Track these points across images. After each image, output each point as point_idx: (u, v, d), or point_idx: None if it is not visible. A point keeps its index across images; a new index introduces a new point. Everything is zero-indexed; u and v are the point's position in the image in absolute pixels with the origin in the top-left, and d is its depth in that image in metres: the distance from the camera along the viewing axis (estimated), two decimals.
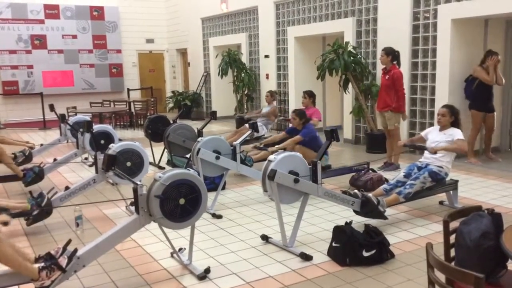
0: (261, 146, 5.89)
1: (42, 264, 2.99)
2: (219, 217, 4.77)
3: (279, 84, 10.99)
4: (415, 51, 7.57)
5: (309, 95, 7.32)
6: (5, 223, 2.99)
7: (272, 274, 3.43)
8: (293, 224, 3.94)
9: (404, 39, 7.59)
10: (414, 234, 4.16)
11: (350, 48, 8.13)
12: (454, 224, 2.44)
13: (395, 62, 6.51)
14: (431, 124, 7.44)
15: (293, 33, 10.24)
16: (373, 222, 4.12)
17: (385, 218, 4.23)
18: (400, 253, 3.71)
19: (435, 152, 4.59)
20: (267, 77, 11.31)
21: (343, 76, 8.10)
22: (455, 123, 4.80)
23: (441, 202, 4.99)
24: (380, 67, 7.79)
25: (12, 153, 6.07)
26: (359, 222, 4.13)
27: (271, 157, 3.87)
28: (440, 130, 4.85)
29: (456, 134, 4.70)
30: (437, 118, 4.91)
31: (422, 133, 5.10)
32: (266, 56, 11.23)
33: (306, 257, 3.64)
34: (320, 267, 3.53)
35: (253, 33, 11.70)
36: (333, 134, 4.13)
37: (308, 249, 3.83)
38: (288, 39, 10.41)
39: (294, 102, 10.41)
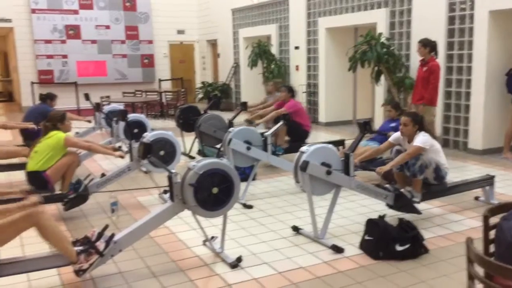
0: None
1: (80, 247, 3.09)
2: (249, 207, 4.81)
3: (309, 76, 10.92)
4: (451, 43, 7.39)
5: (288, 90, 7.12)
6: (35, 204, 3.09)
7: (304, 265, 3.44)
8: (324, 216, 3.93)
9: (439, 31, 7.41)
10: (448, 230, 4.09)
11: (383, 40, 7.99)
12: (493, 220, 2.39)
13: (433, 53, 6.37)
14: (466, 119, 7.29)
15: (324, 24, 10.13)
16: (406, 216, 4.07)
17: (418, 212, 4.18)
18: (435, 248, 3.66)
19: (383, 172, 4.28)
20: (297, 69, 11.25)
21: (376, 68, 7.98)
22: (421, 129, 4.40)
23: (476, 198, 4.88)
24: (414, 59, 7.67)
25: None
26: (392, 216, 4.08)
27: (303, 148, 3.87)
28: (409, 141, 4.42)
29: (415, 142, 4.32)
30: (400, 127, 4.50)
31: (391, 139, 4.67)
32: (296, 48, 11.16)
33: (337, 249, 3.63)
34: (352, 259, 3.52)
35: (283, 24, 11.63)
36: (366, 126, 4.09)
37: (339, 241, 3.82)
38: (319, 30, 10.31)
39: (324, 94, 10.35)
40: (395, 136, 4.65)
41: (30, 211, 2.91)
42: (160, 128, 7.73)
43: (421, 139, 4.29)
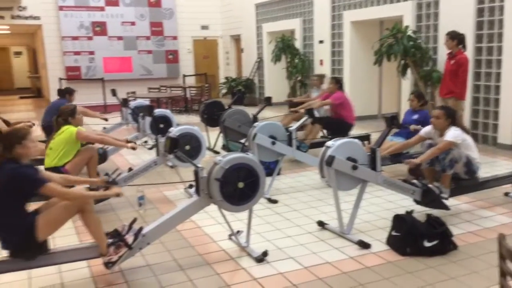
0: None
1: (110, 240, 3.15)
2: (274, 202, 4.81)
3: (333, 70, 10.82)
4: (480, 35, 7.21)
5: (336, 81, 7.08)
6: (119, 195, 3.24)
7: (330, 260, 3.43)
8: (350, 211, 3.91)
9: (467, 23, 7.24)
10: (478, 226, 4.01)
11: (409, 33, 7.86)
12: None
13: (460, 46, 6.24)
14: (495, 113, 7.11)
15: (349, 17, 10.02)
16: (434, 212, 4.01)
17: (447, 208, 4.11)
18: (464, 245, 3.59)
19: (413, 166, 4.23)
20: (321, 63, 11.16)
21: (402, 62, 7.86)
22: (454, 123, 4.30)
23: (506, 194, 4.76)
24: (442, 52, 7.52)
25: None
26: (420, 212, 4.03)
27: (329, 143, 3.84)
28: (440, 135, 4.34)
29: (446, 136, 4.22)
30: (431, 120, 4.42)
31: (422, 133, 4.60)
32: (321, 42, 11.08)
33: (364, 245, 3.60)
34: (379, 255, 3.49)
35: (307, 18, 11.56)
36: (393, 120, 4.04)
37: (365, 237, 3.79)
38: (344, 24, 10.20)
39: (349, 88, 10.23)
40: (426, 129, 4.57)
41: (77, 199, 3.05)
42: (185, 123, 7.80)
43: (453, 133, 4.20)
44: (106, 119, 7.44)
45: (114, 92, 7.63)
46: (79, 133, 4.72)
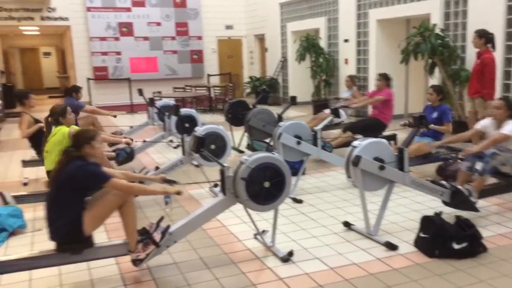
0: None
1: (138, 238, 3.20)
2: (299, 201, 4.80)
3: (359, 69, 10.72)
4: (510, 33, 7.03)
5: (383, 78, 7.00)
6: (179, 193, 3.33)
7: (356, 261, 3.40)
8: (376, 212, 3.87)
9: (497, 21, 7.06)
10: (508, 228, 3.92)
11: (437, 31, 7.72)
12: None
13: (488, 45, 6.09)
14: None
15: (375, 16, 9.91)
16: (463, 214, 3.93)
17: (476, 210, 4.02)
18: (493, 247, 3.52)
19: (468, 154, 4.19)
20: (346, 62, 11.07)
21: (429, 60, 7.73)
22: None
23: None
24: (470, 50, 7.36)
25: (113, 150, 6.47)
26: (448, 213, 3.95)
27: (355, 142, 3.81)
28: (497, 127, 4.28)
29: (503, 129, 4.15)
30: (491, 112, 4.36)
31: (479, 126, 4.54)
32: (346, 41, 10.99)
33: (391, 247, 3.56)
34: (407, 257, 3.44)
35: (332, 17, 11.48)
36: (421, 120, 3.99)
37: (393, 238, 3.74)
38: (369, 22, 10.09)
39: (374, 88, 10.11)
40: (483, 123, 4.50)
41: (119, 193, 3.14)
42: (209, 122, 7.84)
43: (511, 127, 4.13)
44: (115, 116, 7.66)
45: (140, 92, 7.73)
46: (71, 133, 4.49)
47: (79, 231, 3.02)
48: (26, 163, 6.15)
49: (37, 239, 4.00)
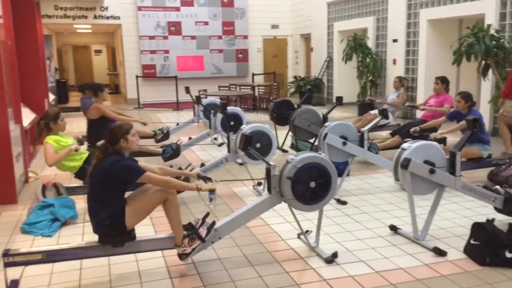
0: (417, 132, 5.57)
1: (185, 232, 3.26)
2: (344, 203, 4.75)
3: (407, 70, 10.47)
4: None
5: (442, 81, 6.84)
6: (212, 190, 3.38)
7: (403, 266, 3.32)
8: (424, 217, 3.77)
9: None
10: None
11: (492, 32, 7.42)
12: None
13: None
14: None
15: (426, 16, 9.65)
16: None
17: None
18: None
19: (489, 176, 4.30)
20: (394, 63, 10.84)
21: (483, 62, 7.45)
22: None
23: None
24: None
25: (153, 131, 6.64)
26: (500, 220, 3.80)
27: (404, 145, 3.73)
28: None
29: None
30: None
31: None
32: (395, 41, 10.75)
33: (440, 252, 3.46)
34: (456, 264, 3.34)
35: (381, 17, 11.26)
36: (475, 123, 3.84)
37: (441, 244, 3.64)
38: (420, 22, 9.84)
39: (423, 89, 9.87)
40: None
41: (161, 189, 3.21)
42: (252, 121, 7.88)
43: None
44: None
45: (187, 90, 7.86)
46: (47, 145, 4.35)
47: (121, 225, 3.09)
48: None
49: (88, 230, 4.13)
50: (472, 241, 3.43)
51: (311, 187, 3.35)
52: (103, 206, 3.10)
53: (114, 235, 3.13)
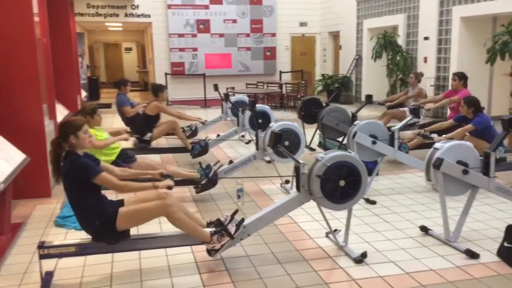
0: (425, 133, 5.50)
1: (213, 229, 3.28)
2: (373, 202, 4.70)
3: (438, 68, 10.27)
4: None
5: (460, 77, 6.64)
6: (170, 187, 3.29)
7: (434, 267, 3.27)
8: (455, 218, 3.70)
9: None
10: None
11: None
12: None
13: None
14: None
15: (459, 13, 9.43)
16: None
17: None
18: None
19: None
20: (425, 61, 10.64)
21: None
22: None
23: None
24: None
25: (181, 127, 6.72)
26: None
27: (437, 144, 3.66)
28: None
29: None
30: None
31: None
32: (426, 38, 10.56)
33: (472, 255, 3.39)
34: (488, 266, 3.26)
35: (412, 14, 11.07)
36: (510, 124, 3.74)
37: (473, 246, 3.56)
38: (452, 19, 9.63)
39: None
40: None
41: (160, 204, 3.13)
42: (280, 119, 7.86)
43: None
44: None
45: (216, 87, 7.91)
46: None
47: (110, 226, 3.04)
48: None
49: None
50: (506, 244, 3.34)
51: (340, 185, 3.33)
52: (85, 209, 3.05)
53: (102, 235, 3.09)
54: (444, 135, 5.39)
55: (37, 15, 5.20)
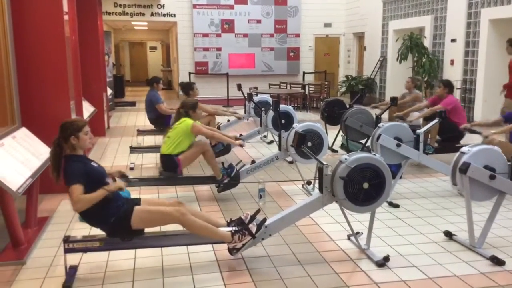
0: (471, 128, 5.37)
1: (235, 228, 3.30)
2: (396, 206, 4.64)
3: (465, 71, 10.07)
4: None
5: (445, 85, 6.43)
6: (121, 189, 3.22)
7: (457, 273, 3.21)
8: (480, 224, 3.63)
9: None
10: None
11: None
12: None
13: None
14: None
15: (488, 15, 9.23)
16: None
17: None
18: None
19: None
20: (452, 63, 10.45)
21: None
22: None
23: None
24: None
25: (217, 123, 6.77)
26: None
27: (464, 148, 3.59)
28: None
29: None
30: None
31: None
32: (453, 40, 10.37)
33: (497, 262, 3.31)
34: None
35: (439, 15, 10.89)
36: None
37: (499, 253, 3.48)
38: (481, 21, 9.43)
39: (482, 91, 9.47)
40: None
41: (175, 210, 3.13)
42: (302, 120, 7.84)
43: None
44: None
45: (239, 87, 7.94)
46: (193, 126, 4.80)
47: (124, 223, 3.06)
48: (133, 149, 6.62)
49: None
50: None
51: (364, 188, 3.30)
52: (98, 207, 3.03)
53: (116, 232, 3.12)
54: (492, 131, 5.19)
55: (67, 13, 5.31)
